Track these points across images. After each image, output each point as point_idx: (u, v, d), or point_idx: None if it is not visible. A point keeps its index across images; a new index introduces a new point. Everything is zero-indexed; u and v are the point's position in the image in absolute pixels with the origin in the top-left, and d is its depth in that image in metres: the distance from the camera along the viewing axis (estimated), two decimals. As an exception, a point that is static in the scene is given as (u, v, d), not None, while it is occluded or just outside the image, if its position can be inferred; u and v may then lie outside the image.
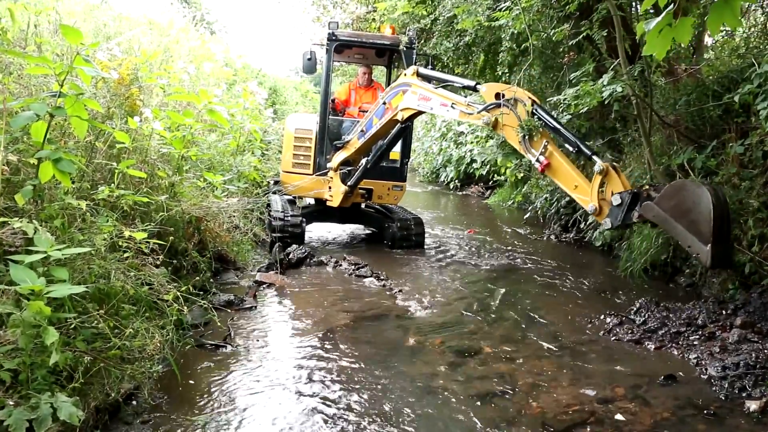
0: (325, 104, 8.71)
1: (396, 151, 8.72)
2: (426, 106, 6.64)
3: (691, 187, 4.36)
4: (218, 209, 6.37)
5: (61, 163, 3.55)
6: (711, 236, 4.15)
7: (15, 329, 2.96)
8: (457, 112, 6.18)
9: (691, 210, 4.32)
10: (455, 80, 6.68)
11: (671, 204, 4.44)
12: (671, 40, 2.79)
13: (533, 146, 5.42)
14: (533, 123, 5.44)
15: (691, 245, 4.32)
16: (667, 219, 4.47)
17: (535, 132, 5.40)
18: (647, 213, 4.66)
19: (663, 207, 4.49)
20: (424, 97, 6.63)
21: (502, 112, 5.62)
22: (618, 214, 4.86)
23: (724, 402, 4.17)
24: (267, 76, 23.12)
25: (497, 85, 5.83)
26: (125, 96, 5.59)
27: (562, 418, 3.87)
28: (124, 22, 9.42)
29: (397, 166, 8.81)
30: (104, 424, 3.42)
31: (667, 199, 4.47)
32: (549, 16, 8.70)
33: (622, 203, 4.81)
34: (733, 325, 5.19)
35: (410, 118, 7.13)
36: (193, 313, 5.04)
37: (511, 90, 5.64)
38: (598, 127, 9.02)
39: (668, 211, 4.45)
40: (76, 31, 3.67)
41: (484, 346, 5.09)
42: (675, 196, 4.44)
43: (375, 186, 8.71)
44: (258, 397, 4.00)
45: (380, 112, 7.39)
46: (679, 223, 4.40)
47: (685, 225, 4.36)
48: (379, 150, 7.86)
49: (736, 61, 7.00)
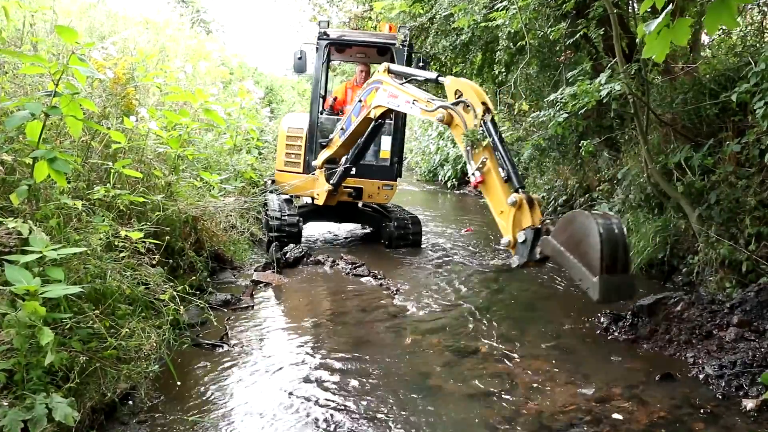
0: (316, 103, 8.71)
1: (386, 149, 8.70)
2: (394, 104, 6.57)
3: (580, 218, 4.29)
4: (215, 209, 6.35)
5: (57, 163, 3.55)
6: (598, 269, 4.09)
7: (10, 329, 2.96)
8: (418, 109, 6.12)
9: (581, 242, 4.26)
10: (419, 74, 6.66)
11: (564, 237, 4.41)
12: (669, 42, 2.78)
13: (474, 158, 5.34)
14: (477, 134, 5.37)
15: (581, 279, 4.26)
16: (562, 252, 4.43)
17: (477, 144, 5.34)
18: (545, 248, 4.63)
19: (558, 240, 4.46)
20: (392, 94, 6.59)
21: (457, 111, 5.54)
22: (523, 251, 4.84)
23: (721, 401, 4.17)
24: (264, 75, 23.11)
25: (460, 82, 5.68)
26: (121, 95, 5.57)
27: (559, 417, 3.87)
28: (119, 21, 9.39)
29: (387, 165, 8.77)
30: (100, 424, 3.41)
31: (561, 232, 4.46)
32: (545, 14, 8.69)
33: (526, 240, 4.80)
34: (730, 323, 5.18)
35: (383, 115, 7.11)
36: (190, 313, 5.03)
37: (470, 91, 5.53)
38: (595, 126, 9.02)
39: (563, 244, 4.41)
40: (71, 31, 3.65)
41: (481, 346, 5.09)
42: (567, 229, 4.42)
43: (365, 185, 8.69)
44: (255, 397, 4.00)
45: (357, 110, 7.39)
46: (572, 255, 4.34)
47: (577, 257, 4.30)
48: (357, 148, 7.86)
49: (733, 60, 7.00)
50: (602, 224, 4.10)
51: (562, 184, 10.67)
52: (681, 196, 6.59)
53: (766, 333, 4.98)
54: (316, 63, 8.73)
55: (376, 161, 8.77)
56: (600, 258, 4.07)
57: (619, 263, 4.19)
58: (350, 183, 8.52)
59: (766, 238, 5.81)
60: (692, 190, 6.50)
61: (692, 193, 6.51)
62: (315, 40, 8.71)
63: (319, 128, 8.59)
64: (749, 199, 5.92)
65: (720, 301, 5.70)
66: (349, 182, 8.50)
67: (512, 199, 4.95)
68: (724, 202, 6.13)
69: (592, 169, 9.71)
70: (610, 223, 4.16)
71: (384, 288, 6.67)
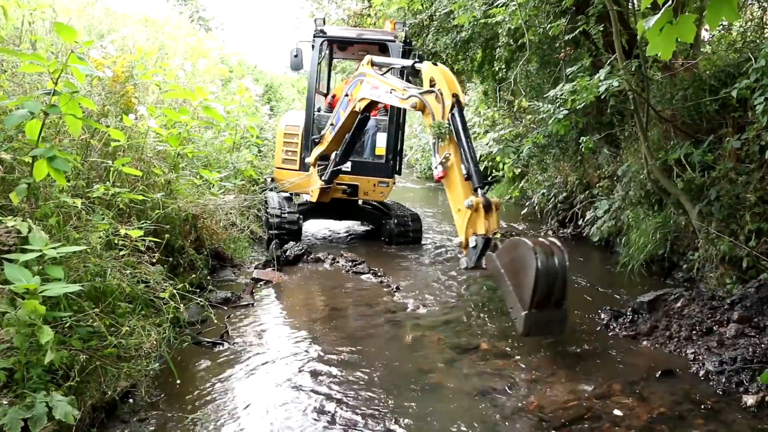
0: (311, 101, 8.70)
1: (381, 146, 8.69)
2: (375, 95, 6.63)
3: (523, 249, 4.33)
4: (215, 206, 6.35)
5: (56, 162, 3.54)
6: (528, 304, 4.21)
7: (10, 328, 2.96)
8: (396, 98, 6.17)
9: (519, 272, 4.34)
10: (398, 62, 6.75)
11: (507, 260, 4.49)
12: (675, 39, 2.75)
13: (439, 151, 5.35)
14: (443, 128, 5.36)
15: (512, 307, 4.38)
16: (501, 275, 4.52)
17: (443, 138, 5.34)
18: (488, 264, 4.74)
19: (501, 261, 4.55)
20: (374, 86, 6.65)
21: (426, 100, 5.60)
22: (472, 257, 4.92)
23: (722, 397, 4.17)
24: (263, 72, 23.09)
25: (434, 70, 5.68)
26: (120, 94, 5.57)
27: (559, 413, 3.87)
28: (118, 19, 9.38)
29: (382, 162, 8.76)
30: (101, 422, 3.41)
31: (505, 254, 4.54)
32: (545, 11, 8.68)
33: (476, 246, 4.87)
34: (730, 319, 5.18)
35: (367, 108, 7.12)
36: (190, 311, 5.03)
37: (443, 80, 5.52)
38: (595, 123, 9.01)
39: (504, 266, 4.50)
40: (70, 29, 3.65)
41: (482, 342, 5.09)
42: (510, 253, 4.49)
43: (360, 182, 8.69)
44: (255, 394, 4.00)
45: (345, 104, 7.42)
46: (510, 281, 4.44)
47: (513, 285, 4.40)
48: (345, 143, 7.86)
49: (733, 56, 6.99)
50: (541, 260, 4.18)
51: (562, 181, 10.66)
52: (681, 193, 6.59)
53: (766, 329, 4.98)
54: (312, 60, 8.72)
55: (372, 158, 8.76)
56: (532, 294, 4.20)
57: (552, 299, 4.34)
58: (345, 180, 8.52)
59: (766, 234, 5.81)
60: (692, 186, 6.49)
61: (692, 189, 6.51)
62: (311, 38, 8.71)
63: (316, 126, 8.59)
64: (749, 196, 5.92)
65: (720, 297, 5.70)
66: (345, 179, 8.50)
67: (469, 201, 4.98)
68: (724, 198, 6.12)
69: (592, 165, 9.70)
70: (551, 259, 4.25)
71: (384, 285, 6.67)
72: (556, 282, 4.31)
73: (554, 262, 4.28)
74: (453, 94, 5.40)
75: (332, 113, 7.97)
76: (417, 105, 5.71)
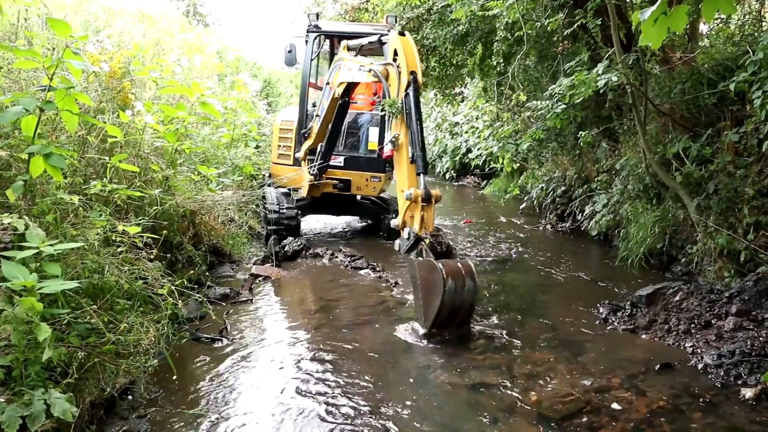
0: (304, 96, 8.69)
1: (373, 141, 8.66)
2: (350, 76, 6.75)
3: (436, 276, 4.79)
4: (213, 202, 6.34)
5: (52, 158, 3.53)
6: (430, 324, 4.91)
7: (7, 326, 2.95)
8: (364, 74, 6.31)
9: (430, 293, 4.88)
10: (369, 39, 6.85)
11: (423, 276, 4.98)
12: (666, 29, 2.76)
13: (392, 128, 5.47)
14: (396, 107, 5.40)
15: (419, 318, 5.08)
16: (417, 286, 5.08)
17: (393, 117, 5.41)
18: (409, 269, 5.27)
19: (419, 273, 5.02)
20: (349, 67, 6.78)
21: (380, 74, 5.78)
22: (404, 246, 5.29)
23: (720, 390, 4.18)
24: (261, 68, 23.03)
25: (398, 42, 5.70)
26: (117, 89, 5.55)
27: (558, 407, 3.87)
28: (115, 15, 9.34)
29: (374, 157, 8.71)
30: (99, 419, 3.40)
31: (423, 269, 4.99)
32: (543, 5, 8.65)
33: (409, 239, 5.22)
34: (728, 313, 5.19)
35: (345, 93, 7.17)
36: (189, 307, 5.03)
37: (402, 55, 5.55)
38: (593, 117, 9.00)
39: (420, 279, 5.00)
40: (64, 24, 3.63)
41: (481, 337, 5.09)
42: (426, 273, 4.96)
43: (353, 177, 8.67)
44: (254, 391, 4.00)
45: (327, 94, 7.46)
46: (421, 294, 5.00)
47: (423, 300, 4.98)
48: (328, 134, 7.88)
49: (731, 49, 6.98)
50: (449, 294, 4.71)
51: (561, 175, 10.66)
52: (679, 186, 6.58)
53: (764, 322, 4.99)
54: (305, 55, 8.70)
55: (365, 153, 8.74)
56: (434, 318, 4.85)
57: (455, 321, 4.98)
58: (338, 175, 8.52)
59: (764, 228, 5.81)
60: (691, 180, 6.49)
61: (691, 183, 6.51)
62: (304, 33, 8.71)
63: (309, 121, 8.58)
64: (747, 189, 5.92)
65: (718, 290, 5.70)
66: (337, 174, 8.50)
67: (408, 193, 5.21)
68: (722, 191, 6.12)
69: (590, 159, 9.69)
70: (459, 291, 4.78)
71: (383, 280, 6.67)
72: (461, 310, 4.90)
73: (462, 295, 4.81)
74: (411, 71, 5.41)
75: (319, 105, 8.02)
76: (382, 73, 5.82)
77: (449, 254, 5.21)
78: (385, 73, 5.75)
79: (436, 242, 5.13)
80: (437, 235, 5.24)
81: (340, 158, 8.50)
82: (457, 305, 4.82)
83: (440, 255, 5.08)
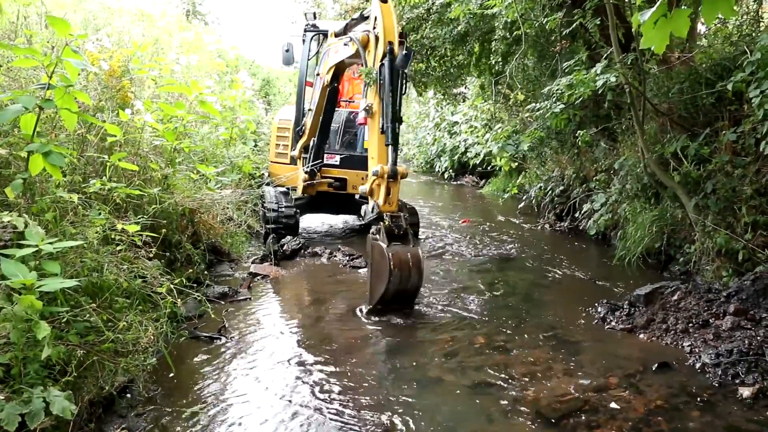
0: (301, 95, 8.69)
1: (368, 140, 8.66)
2: (337, 57, 6.85)
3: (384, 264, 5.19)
4: (212, 201, 6.35)
5: (52, 156, 3.53)
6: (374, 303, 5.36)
7: (7, 324, 2.95)
8: (349, 47, 6.36)
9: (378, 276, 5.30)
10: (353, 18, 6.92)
11: (375, 258, 5.36)
12: (669, 33, 2.75)
13: (367, 95, 5.59)
14: (371, 77, 5.44)
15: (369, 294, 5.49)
16: (371, 264, 5.48)
17: (369, 86, 5.49)
18: (366, 247, 5.57)
19: (372, 254, 5.41)
20: (336, 50, 6.90)
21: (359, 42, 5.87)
22: (367, 216, 5.65)
23: (718, 389, 4.19)
24: (260, 67, 23.00)
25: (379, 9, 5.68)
26: (116, 88, 5.55)
27: (556, 406, 3.88)
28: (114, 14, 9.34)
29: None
30: (98, 417, 3.41)
31: (375, 253, 5.36)
32: (541, 4, 8.66)
33: (372, 212, 5.57)
34: (726, 312, 5.19)
35: (334, 78, 7.21)
36: (188, 306, 5.03)
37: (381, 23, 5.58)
38: (592, 116, 9.01)
39: (372, 260, 5.42)
40: (63, 22, 3.63)
41: (479, 336, 5.10)
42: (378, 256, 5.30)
43: (348, 176, 8.68)
44: (252, 389, 4.00)
45: (318, 86, 7.50)
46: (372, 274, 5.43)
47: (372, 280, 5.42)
48: (320, 126, 7.90)
49: (729, 49, 6.99)
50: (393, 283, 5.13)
51: (559, 175, 10.66)
52: (678, 186, 6.59)
53: (762, 321, 5.00)
54: (302, 55, 8.71)
55: (361, 152, 8.73)
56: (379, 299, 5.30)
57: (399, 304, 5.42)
58: (333, 174, 8.53)
59: (762, 227, 5.82)
60: (689, 179, 6.50)
61: (689, 182, 6.52)
62: (302, 33, 8.74)
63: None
64: (745, 188, 5.93)
65: (716, 290, 5.71)
66: (333, 173, 8.52)
67: (376, 169, 5.44)
68: (720, 191, 6.13)
69: (589, 159, 9.70)
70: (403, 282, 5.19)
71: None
72: (404, 295, 5.33)
73: (406, 283, 5.22)
74: (389, 41, 5.42)
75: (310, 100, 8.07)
76: (362, 40, 5.90)
77: (405, 238, 5.44)
78: (365, 40, 5.79)
79: (394, 225, 5.36)
80: (398, 216, 5.46)
81: (336, 157, 8.51)
82: (400, 291, 5.23)
83: (396, 237, 5.34)
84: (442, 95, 13.05)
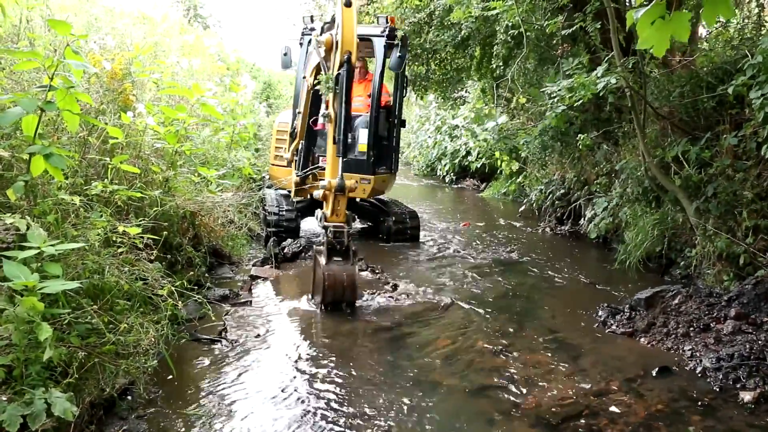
0: (298, 98, 8.67)
1: (363, 143, 8.59)
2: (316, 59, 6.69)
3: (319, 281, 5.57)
4: (213, 204, 6.35)
5: (53, 159, 3.54)
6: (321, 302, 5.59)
7: (8, 325, 2.95)
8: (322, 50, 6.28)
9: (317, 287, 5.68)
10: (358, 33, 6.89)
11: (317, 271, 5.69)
12: (669, 36, 2.75)
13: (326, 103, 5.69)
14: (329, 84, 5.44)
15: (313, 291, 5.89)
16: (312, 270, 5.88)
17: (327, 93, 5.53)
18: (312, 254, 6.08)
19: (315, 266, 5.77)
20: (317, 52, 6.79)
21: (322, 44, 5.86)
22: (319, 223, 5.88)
23: (719, 393, 4.19)
24: (261, 70, 23.06)
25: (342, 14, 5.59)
26: (118, 91, 5.56)
27: (557, 410, 3.88)
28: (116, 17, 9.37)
29: (364, 159, 8.55)
30: (99, 419, 3.41)
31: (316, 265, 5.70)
32: (542, 8, 8.67)
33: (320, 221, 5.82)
34: (727, 316, 5.19)
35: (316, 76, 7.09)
36: (188, 308, 5.03)
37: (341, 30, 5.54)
38: (592, 119, 9.01)
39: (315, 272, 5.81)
40: (64, 24, 3.64)
41: (480, 340, 5.10)
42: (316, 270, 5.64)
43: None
44: (253, 392, 4.00)
45: (304, 88, 7.56)
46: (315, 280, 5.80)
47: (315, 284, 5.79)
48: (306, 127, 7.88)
49: (730, 53, 6.99)
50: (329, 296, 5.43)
51: (560, 178, 10.67)
52: (678, 189, 6.60)
53: (763, 325, 4.99)
54: (300, 58, 8.69)
55: (355, 155, 8.66)
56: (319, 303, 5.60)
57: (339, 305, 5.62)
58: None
59: (763, 231, 5.82)
60: (690, 183, 6.50)
61: (690, 186, 6.52)
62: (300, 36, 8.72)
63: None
64: (746, 192, 5.93)
65: (717, 294, 5.71)
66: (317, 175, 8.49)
67: (324, 183, 5.59)
68: (721, 195, 6.13)
69: (589, 162, 9.71)
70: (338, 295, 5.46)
71: (382, 282, 6.67)
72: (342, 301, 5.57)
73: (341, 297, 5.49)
74: (346, 50, 5.44)
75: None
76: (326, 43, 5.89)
77: (346, 254, 5.54)
78: (329, 43, 5.76)
79: (336, 241, 5.47)
80: (341, 232, 5.55)
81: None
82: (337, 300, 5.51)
83: (338, 253, 5.49)
84: (442, 99, 13.05)
